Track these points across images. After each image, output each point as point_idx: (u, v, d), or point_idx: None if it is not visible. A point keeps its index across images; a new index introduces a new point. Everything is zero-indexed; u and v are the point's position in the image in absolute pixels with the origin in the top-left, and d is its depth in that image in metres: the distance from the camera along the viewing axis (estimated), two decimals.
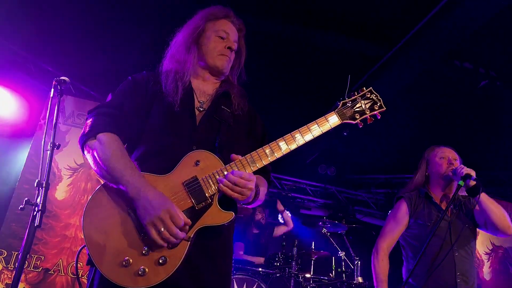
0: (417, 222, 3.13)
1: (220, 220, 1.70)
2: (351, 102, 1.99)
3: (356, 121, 1.96)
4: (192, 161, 1.75)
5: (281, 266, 5.39)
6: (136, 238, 1.66)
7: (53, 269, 5.29)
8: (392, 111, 6.50)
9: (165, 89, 1.94)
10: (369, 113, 1.98)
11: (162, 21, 5.29)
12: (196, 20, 2.09)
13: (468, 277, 2.96)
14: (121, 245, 1.64)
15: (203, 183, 1.72)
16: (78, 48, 6.01)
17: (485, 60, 5.30)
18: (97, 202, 1.73)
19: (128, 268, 1.61)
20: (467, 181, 2.90)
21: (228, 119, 1.95)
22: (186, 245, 1.65)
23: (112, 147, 1.75)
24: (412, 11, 4.64)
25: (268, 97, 6.29)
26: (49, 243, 5.35)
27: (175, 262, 1.63)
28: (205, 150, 1.78)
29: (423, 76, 5.53)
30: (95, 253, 1.63)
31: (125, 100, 1.90)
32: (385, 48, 5.26)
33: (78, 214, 5.58)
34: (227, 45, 2.03)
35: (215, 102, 1.99)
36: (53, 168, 5.65)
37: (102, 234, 1.66)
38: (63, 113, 5.96)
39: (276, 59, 5.67)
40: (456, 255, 2.98)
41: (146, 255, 1.63)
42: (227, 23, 2.07)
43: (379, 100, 2.02)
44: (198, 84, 2.05)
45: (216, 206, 1.72)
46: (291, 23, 5.12)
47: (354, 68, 5.82)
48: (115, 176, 1.70)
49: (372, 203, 9.25)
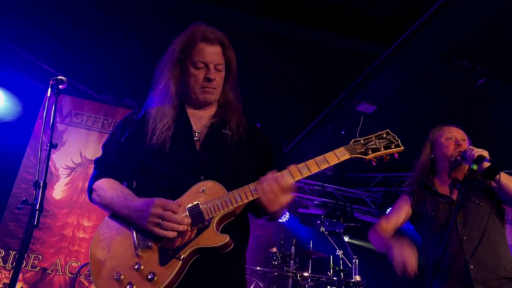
0: (422, 213, 2.90)
1: (214, 242, 1.71)
2: (364, 140, 1.94)
3: (369, 157, 1.92)
4: (198, 190, 1.81)
5: (279, 265, 5.40)
6: (132, 254, 1.73)
7: (51, 269, 5.28)
8: (389, 109, 6.54)
9: (157, 122, 1.92)
10: (383, 151, 1.92)
11: (160, 20, 5.29)
12: (172, 50, 2.01)
13: (486, 261, 2.58)
14: (117, 261, 1.73)
15: (203, 207, 1.75)
16: (76, 46, 6.00)
17: (483, 58, 5.30)
18: (107, 223, 1.86)
19: (119, 282, 1.68)
20: (481, 164, 2.59)
21: (229, 143, 1.95)
22: (177, 264, 1.68)
23: (103, 188, 1.91)
24: (410, 9, 4.64)
25: (264, 95, 6.29)
26: (47, 243, 5.35)
27: (163, 278, 1.66)
28: (211, 180, 1.82)
29: (420, 74, 5.53)
30: (94, 268, 1.75)
31: (112, 148, 2.02)
32: (383, 46, 5.26)
33: (75, 213, 5.58)
34: (206, 75, 1.93)
35: (214, 128, 1.97)
36: (51, 167, 5.64)
37: (104, 251, 1.77)
38: (61, 112, 5.96)
39: (273, 57, 5.67)
40: (465, 240, 2.65)
41: (138, 270, 1.69)
42: (204, 47, 1.93)
43: (396, 140, 1.95)
44: (193, 112, 2.03)
45: (213, 229, 1.74)
46: (288, 21, 5.11)
47: (351, 66, 5.82)
48: (110, 208, 1.85)
49: (370, 201, 9.27)
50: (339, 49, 5.41)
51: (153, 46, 5.69)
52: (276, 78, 6.04)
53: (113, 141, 2.03)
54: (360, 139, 1.95)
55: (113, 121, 6.19)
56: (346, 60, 5.69)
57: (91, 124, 6.09)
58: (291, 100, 6.88)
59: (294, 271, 5.23)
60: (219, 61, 1.96)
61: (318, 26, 5.14)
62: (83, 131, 6.03)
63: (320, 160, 1.86)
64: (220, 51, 1.97)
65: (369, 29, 5.07)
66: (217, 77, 1.97)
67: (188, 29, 2.00)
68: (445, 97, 6.15)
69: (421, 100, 6.26)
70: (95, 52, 6.03)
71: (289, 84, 6.44)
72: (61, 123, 5.96)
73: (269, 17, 5.06)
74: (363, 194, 9.21)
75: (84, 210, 5.62)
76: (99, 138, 6.05)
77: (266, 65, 5.81)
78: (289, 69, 6.04)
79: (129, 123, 2.03)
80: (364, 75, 5.78)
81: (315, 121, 7.20)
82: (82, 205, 5.64)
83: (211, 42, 1.95)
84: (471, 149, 2.71)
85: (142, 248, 1.72)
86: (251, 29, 5.12)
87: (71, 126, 6.00)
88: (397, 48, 5.07)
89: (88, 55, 6.13)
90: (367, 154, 1.92)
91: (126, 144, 1.97)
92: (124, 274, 1.68)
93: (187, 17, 5.15)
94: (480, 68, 5.31)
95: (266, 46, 5.40)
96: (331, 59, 5.68)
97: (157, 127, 1.90)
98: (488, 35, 4.79)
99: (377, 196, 9.31)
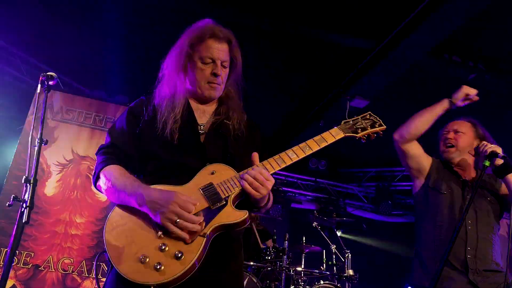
0: (435, 189, 2.91)
1: (235, 218, 1.77)
2: (352, 121, 2.15)
3: (359, 135, 2.11)
4: (208, 172, 1.87)
5: (272, 260, 5.41)
6: (154, 237, 1.72)
7: (43, 265, 5.26)
8: (381, 104, 6.57)
9: (164, 114, 1.98)
10: (370, 129, 2.14)
11: (151, 17, 5.26)
12: (181, 44, 2.06)
13: (485, 256, 2.68)
14: (139, 244, 1.71)
15: (218, 187, 1.82)
16: (67, 42, 5.95)
17: (474, 53, 5.33)
18: (117, 212, 1.83)
19: (145, 264, 1.66)
20: (493, 160, 2.59)
21: (232, 135, 2.03)
22: (202, 241, 1.71)
23: (112, 174, 1.88)
24: (402, 4, 4.65)
25: (257, 91, 6.28)
26: (39, 240, 5.32)
27: (191, 256, 1.68)
28: (219, 163, 1.90)
29: (412, 69, 5.55)
30: (114, 254, 1.70)
31: (121, 135, 2.01)
32: (375, 42, 5.28)
33: (67, 210, 5.54)
34: (213, 71, 2.00)
35: (216, 120, 2.05)
36: (42, 164, 5.59)
37: (121, 238, 1.74)
38: (52, 109, 5.90)
39: (265, 54, 5.66)
40: (469, 229, 2.71)
41: (163, 251, 1.69)
42: (213, 43, 2.00)
43: (378, 120, 2.19)
44: (197, 106, 2.10)
45: (230, 206, 1.80)
46: (281, 18, 5.11)
47: (344, 62, 5.83)
48: (121, 195, 1.82)
49: (363, 196, 9.32)
50: (332, 45, 5.42)
51: (144, 42, 5.67)
52: (269, 74, 6.05)
53: (121, 129, 2.03)
54: (349, 120, 2.15)
55: (105, 117, 6.14)
56: (338, 56, 5.70)
57: (83, 120, 6.04)
58: (284, 96, 6.89)
59: (287, 266, 5.24)
60: (226, 58, 2.04)
61: (311, 22, 5.14)
62: (74, 127, 5.98)
63: (318, 139, 2.01)
64: (227, 49, 2.05)
65: (361, 24, 5.08)
66: (223, 73, 2.04)
67: (198, 25, 2.06)
68: (437, 92, 6.17)
69: (413, 94, 6.28)
70: (87, 48, 5.99)
71: (282, 80, 6.45)
72: (52, 120, 5.90)
73: (262, 13, 5.05)
74: (355, 189, 9.27)
75: (76, 207, 5.59)
76: (91, 134, 6.01)
77: (258, 61, 5.80)
78: (282, 65, 6.05)
79: (138, 113, 2.05)
80: (356, 71, 5.80)
81: (308, 116, 7.22)
82: (75, 201, 5.60)
83: (220, 40, 2.02)
84: (484, 144, 2.73)
85: (164, 230, 1.72)
86: (244, 25, 5.11)
87: (62, 122, 5.95)
88: (389, 43, 5.09)
89: (79, 51, 6.09)
90: (357, 133, 2.12)
91: (134, 132, 2.00)
92: (150, 255, 1.67)
93: (177, 13, 5.12)
94: (472, 63, 5.35)
95: (258, 42, 5.40)
96: (324, 54, 5.69)
97: (168, 118, 1.95)
98: (479, 30, 4.83)
99: (370, 191, 9.37)
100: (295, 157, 1.95)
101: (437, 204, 2.89)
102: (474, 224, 2.74)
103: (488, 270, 2.67)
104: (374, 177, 9.23)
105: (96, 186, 1.96)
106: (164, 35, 5.44)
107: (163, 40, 5.85)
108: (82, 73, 6.61)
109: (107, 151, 1.98)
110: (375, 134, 2.16)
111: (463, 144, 2.95)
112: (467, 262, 2.65)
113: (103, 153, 1.98)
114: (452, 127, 3.05)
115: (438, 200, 2.89)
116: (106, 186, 1.88)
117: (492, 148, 2.65)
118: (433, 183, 2.95)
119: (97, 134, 6.00)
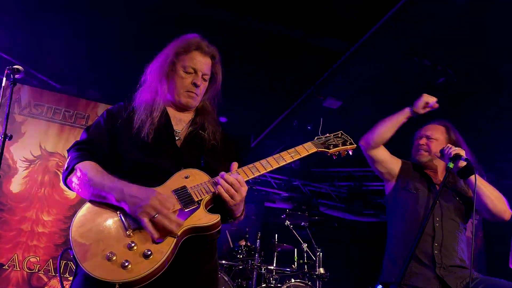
0: (405, 189, 3.01)
1: (207, 221, 1.77)
2: (325, 138, 2.26)
3: (331, 151, 2.22)
4: (181, 176, 1.89)
5: (244, 258, 5.42)
6: (123, 235, 1.70)
7: (7, 264, 5.10)
8: (354, 105, 6.66)
9: (142, 117, 2.03)
10: (341, 147, 2.25)
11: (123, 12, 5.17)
12: (167, 52, 2.14)
13: (450, 252, 2.77)
14: (107, 242, 1.68)
15: (191, 190, 1.84)
16: (37, 35, 5.77)
17: (443, 57, 5.48)
18: (88, 209, 1.81)
19: (112, 262, 1.63)
20: (457, 162, 2.70)
21: (207, 144, 2.08)
22: (172, 241, 1.69)
23: (89, 169, 1.88)
24: (374, 7, 4.73)
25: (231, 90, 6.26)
26: (3, 238, 5.16)
27: (160, 256, 1.66)
28: (194, 168, 1.93)
29: (384, 71, 5.66)
30: (79, 251, 1.66)
31: (98, 133, 2.03)
32: (347, 44, 5.35)
33: (34, 207, 5.40)
34: (193, 80, 2.09)
35: (192, 129, 2.11)
36: (8, 159, 5.42)
37: (88, 234, 1.70)
38: (19, 103, 5.73)
39: (240, 52, 5.65)
40: (437, 226, 2.81)
41: (132, 249, 1.67)
42: (197, 55, 2.10)
43: (349, 139, 2.30)
44: (174, 113, 2.15)
45: (203, 209, 1.81)
46: (256, 16, 5.11)
47: (317, 62, 5.88)
48: (97, 189, 1.80)
49: (335, 195, 9.44)
50: (306, 45, 5.46)
51: (118, 37, 5.57)
52: (243, 72, 6.03)
53: (98, 128, 2.06)
54: (322, 137, 2.26)
55: (75, 112, 6.00)
56: (312, 56, 5.74)
57: (52, 116, 5.89)
58: (258, 95, 6.90)
59: (259, 264, 5.26)
60: (207, 72, 2.14)
61: (285, 21, 5.16)
62: (43, 122, 5.83)
63: (292, 152, 2.10)
64: (210, 63, 2.15)
65: (335, 26, 5.14)
66: (202, 85, 2.13)
67: (185, 37, 2.16)
68: (408, 94, 6.31)
69: (385, 96, 6.40)
70: (56, 41, 5.83)
71: (256, 79, 6.45)
72: (20, 114, 5.73)
73: (236, 11, 5.04)
74: (328, 188, 9.38)
75: (44, 204, 5.45)
76: (60, 130, 5.87)
77: (232, 60, 5.79)
78: (256, 64, 6.05)
79: (116, 115, 2.09)
80: (330, 71, 5.86)
81: (282, 116, 7.25)
82: (42, 199, 5.46)
83: (204, 53, 2.12)
84: (449, 147, 2.82)
85: (133, 228, 1.71)
86: (217, 23, 5.09)
87: (30, 117, 5.78)
88: (362, 45, 5.17)
89: (49, 44, 5.92)
90: (329, 149, 2.22)
91: (111, 132, 2.02)
92: (118, 253, 1.64)
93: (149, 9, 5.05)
94: (440, 67, 5.49)
95: (232, 40, 5.38)
96: (298, 55, 5.73)
97: (145, 120, 2.01)
98: (448, 35, 4.95)
99: (342, 191, 9.51)
100: (269, 167, 2.03)
101: (405, 203, 2.99)
102: (440, 221, 2.84)
103: (454, 266, 2.75)
104: (347, 177, 9.37)
105: (67, 181, 1.94)
106: (135, 31, 5.37)
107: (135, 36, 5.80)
108: (51, 67, 6.43)
109: (82, 147, 1.99)
110: (345, 152, 2.28)
111: (435, 149, 3.04)
112: (434, 257, 2.74)
113: (78, 149, 1.98)
114: (425, 132, 3.15)
115: (407, 199, 3.00)
116: (80, 181, 1.86)
117: (456, 151, 2.75)
118: (403, 183, 3.06)
119: (67, 130, 5.87)
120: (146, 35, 5.24)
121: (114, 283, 1.58)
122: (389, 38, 4.87)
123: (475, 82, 5.75)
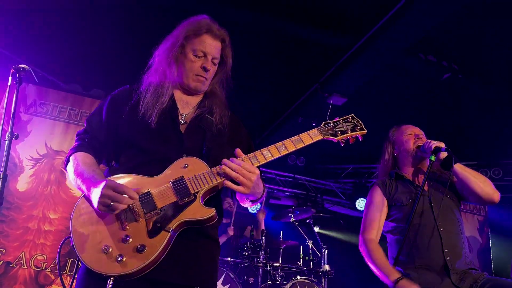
0: (396, 205, 2.95)
1: (202, 214, 1.77)
2: (333, 123, 2.10)
3: (337, 138, 2.07)
4: (180, 165, 1.86)
5: (250, 256, 5.43)
6: (119, 227, 1.75)
7: (15, 262, 5.14)
8: (358, 102, 6.64)
9: (148, 100, 2.00)
10: (350, 133, 2.09)
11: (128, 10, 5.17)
12: (176, 34, 2.09)
13: (457, 251, 2.72)
14: (103, 234, 1.74)
15: (188, 182, 1.81)
16: (42, 34, 5.79)
17: (448, 53, 5.45)
18: (86, 199, 1.83)
19: (108, 255, 1.69)
20: (438, 155, 2.75)
21: (212, 128, 2.03)
22: (165, 236, 1.72)
23: (78, 160, 1.92)
24: (379, 3, 4.71)
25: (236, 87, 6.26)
26: (11, 236, 5.19)
27: (153, 251, 1.69)
28: (194, 157, 1.89)
29: (389, 67, 5.64)
30: (78, 242, 1.73)
31: (96, 121, 2.04)
32: (352, 40, 5.33)
33: (41, 205, 5.43)
34: (203, 64, 2.04)
35: (199, 113, 2.06)
36: (14, 158, 5.45)
37: (87, 225, 1.76)
38: (24, 102, 5.76)
39: (244, 49, 5.63)
40: (442, 231, 2.75)
41: (126, 243, 1.71)
42: (207, 39, 2.05)
43: (360, 124, 2.14)
44: (180, 96, 2.12)
45: (198, 202, 1.79)
46: (260, 13, 5.10)
47: (322, 59, 5.86)
48: (77, 181, 1.86)
49: (340, 192, 9.42)
50: (310, 41, 5.44)
51: (121, 36, 5.57)
52: (247, 69, 6.03)
53: (99, 116, 2.05)
54: (330, 122, 2.11)
55: (80, 111, 6.03)
56: (317, 53, 5.72)
57: (57, 114, 5.91)
58: (262, 92, 6.89)
59: (264, 261, 5.27)
60: (217, 55, 2.09)
61: (290, 19, 5.15)
62: (48, 121, 5.85)
63: (295, 140, 1.99)
64: (220, 47, 2.10)
65: (340, 22, 5.12)
66: (211, 69, 2.08)
67: (195, 19, 2.09)
68: (413, 90, 6.30)
69: (389, 92, 6.38)
70: (62, 40, 5.84)
71: (260, 76, 6.44)
72: (25, 113, 5.76)
73: (241, 8, 5.03)
74: (333, 185, 9.36)
75: (50, 202, 5.47)
76: (66, 129, 5.89)
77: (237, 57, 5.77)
78: (260, 61, 6.04)
79: (120, 101, 2.06)
80: (334, 68, 5.84)
81: (286, 113, 7.24)
82: (48, 197, 5.48)
83: (215, 36, 2.07)
84: (428, 141, 2.87)
85: (129, 221, 1.74)
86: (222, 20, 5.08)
87: (36, 116, 5.81)
88: (367, 41, 5.15)
89: (54, 43, 5.93)
90: (336, 136, 2.07)
91: (112, 120, 2.01)
92: (113, 246, 1.70)
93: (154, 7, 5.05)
94: (446, 63, 5.46)
95: (236, 37, 5.37)
96: (303, 51, 5.71)
97: (151, 105, 1.97)
98: (453, 30, 4.92)
99: (347, 187, 9.48)
100: (269, 156, 1.95)
101: (402, 215, 2.93)
102: (443, 225, 2.79)
103: (465, 270, 2.69)
104: (351, 173, 9.34)
105: (66, 170, 2.02)
106: (141, 29, 5.37)
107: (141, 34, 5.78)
108: (57, 66, 6.45)
109: (81, 138, 2.03)
110: (354, 138, 2.13)
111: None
112: (447, 263, 2.67)
113: (78, 139, 2.04)
114: (414, 130, 3.15)
115: (402, 211, 2.93)
116: (70, 172, 1.94)
117: (436, 144, 2.79)
118: (393, 200, 3.00)
119: (72, 128, 5.89)
120: (152, 33, 5.23)
121: (110, 276, 1.65)
122: (394, 33, 4.84)
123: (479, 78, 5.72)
